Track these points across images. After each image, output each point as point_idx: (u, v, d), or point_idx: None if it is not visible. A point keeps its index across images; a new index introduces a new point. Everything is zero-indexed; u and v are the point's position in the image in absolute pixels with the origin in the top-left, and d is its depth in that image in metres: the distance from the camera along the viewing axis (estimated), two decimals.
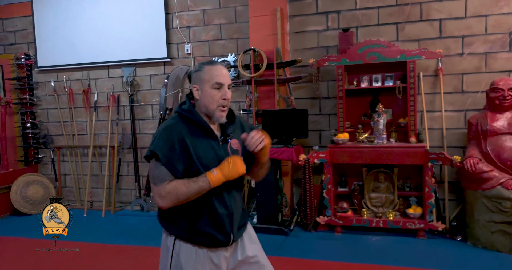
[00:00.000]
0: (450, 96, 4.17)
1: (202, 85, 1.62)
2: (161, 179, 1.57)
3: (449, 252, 3.51)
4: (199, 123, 1.63)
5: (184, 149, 1.58)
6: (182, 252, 1.65)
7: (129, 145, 5.36)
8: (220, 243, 1.66)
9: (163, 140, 1.58)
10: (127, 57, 5.27)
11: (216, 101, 1.62)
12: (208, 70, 1.62)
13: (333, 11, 4.49)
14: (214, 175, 1.55)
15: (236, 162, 1.58)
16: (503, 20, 3.97)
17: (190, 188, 1.54)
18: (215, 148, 1.65)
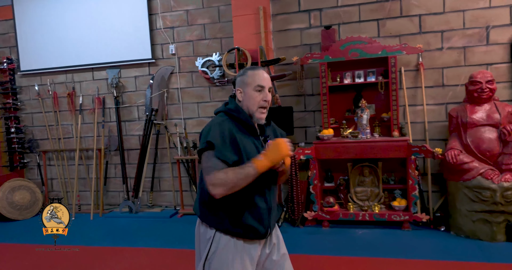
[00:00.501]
0: (431, 90, 4.26)
1: (245, 88, 1.77)
2: (213, 168, 1.65)
3: (434, 242, 3.59)
4: (246, 121, 1.75)
5: (234, 143, 1.68)
6: (221, 245, 1.75)
7: (116, 147, 5.35)
8: (260, 236, 1.77)
9: (216, 132, 1.68)
10: (111, 59, 5.27)
11: (257, 102, 1.75)
12: (251, 74, 1.76)
13: (315, 9, 4.55)
14: (259, 161, 1.63)
15: (279, 144, 1.66)
16: (480, 14, 4.07)
17: (238, 174, 1.62)
18: (257, 145, 1.76)
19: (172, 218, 4.90)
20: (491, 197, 3.38)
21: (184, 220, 4.77)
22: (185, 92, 5.12)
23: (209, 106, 5.02)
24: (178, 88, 5.13)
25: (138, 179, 5.12)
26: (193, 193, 5.14)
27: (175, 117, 5.18)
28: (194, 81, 5.08)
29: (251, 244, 1.78)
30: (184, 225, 4.55)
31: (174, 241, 4.03)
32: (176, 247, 3.83)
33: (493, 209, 3.41)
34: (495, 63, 4.06)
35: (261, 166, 1.63)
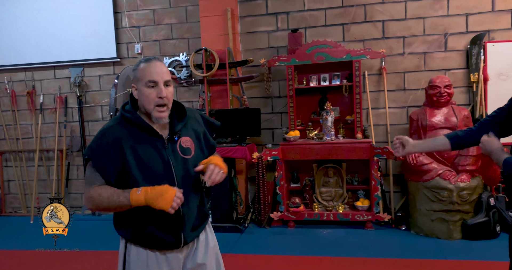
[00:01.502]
0: (393, 94, 4.40)
1: (138, 84, 1.55)
2: (90, 182, 1.54)
3: (395, 241, 3.71)
4: (139, 123, 1.55)
5: (118, 152, 1.51)
6: (133, 256, 1.61)
7: (79, 148, 5.19)
8: (170, 245, 1.61)
9: (97, 143, 1.53)
10: (74, 57, 5.11)
11: (152, 100, 1.52)
12: (142, 68, 1.53)
13: (283, 12, 4.60)
14: (136, 194, 1.45)
15: (164, 195, 1.44)
16: (439, 22, 4.25)
17: (111, 200, 1.48)
18: (159, 148, 1.56)
19: None
20: (448, 197, 3.53)
21: None
22: None
23: None
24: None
25: None
26: None
27: None
28: None
29: (166, 254, 1.62)
30: None
31: None
32: None
33: (450, 209, 3.56)
34: (452, 69, 4.25)
35: (135, 202, 1.45)
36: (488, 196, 3.58)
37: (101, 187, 1.51)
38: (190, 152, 1.64)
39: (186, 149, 1.63)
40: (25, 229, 4.67)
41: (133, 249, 1.61)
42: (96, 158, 1.53)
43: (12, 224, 4.94)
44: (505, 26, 4.09)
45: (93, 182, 1.53)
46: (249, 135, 4.30)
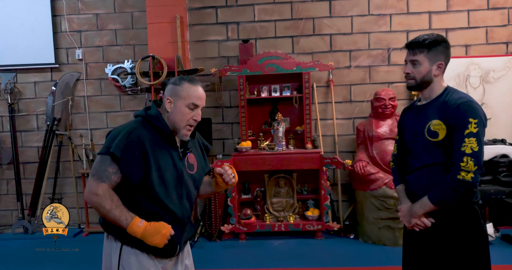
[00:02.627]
0: (340, 105, 4.52)
1: (177, 100, 1.62)
2: (100, 176, 1.53)
3: (344, 249, 3.78)
4: (165, 131, 1.63)
5: (143, 154, 1.56)
6: (132, 261, 1.60)
7: (9, 160, 4.74)
8: (167, 254, 1.66)
9: (124, 141, 1.54)
10: (5, 62, 4.70)
11: (186, 120, 1.63)
12: (187, 88, 1.62)
13: (233, 22, 4.58)
14: (137, 226, 1.52)
15: (161, 233, 1.52)
16: (382, 37, 4.45)
17: (111, 212, 1.52)
18: (174, 159, 1.65)
19: (76, 237, 4.47)
20: (394, 205, 3.67)
21: (90, 240, 4.38)
22: (92, 101, 4.76)
23: (120, 116, 4.73)
24: (84, 96, 4.75)
25: (35, 196, 4.59)
26: None
27: (80, 127, 4.77)
28: (103, 89, 4.75)
29: (163, 261, 1.68)
30: (90, 245, 4.16)
31: (80, 263, 3.66)
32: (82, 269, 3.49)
33: (395, 216, 3.69)
34: (395, 82, 4.47)
35: (132, 231, 1.52)
36: None
37: (110, 193, 1.53)
38: (194, 168, 1.76)
39: (191, 165, 1.75)
40: None
41: (131, 252, 1.61)
42: (123, 158, 1.53)
43: None
44: None
45: (102, 178, 1.53)
46: None
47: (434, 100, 1.79)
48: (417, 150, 1.83)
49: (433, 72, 1.77)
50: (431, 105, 1.79)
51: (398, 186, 2.00)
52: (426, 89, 1.81)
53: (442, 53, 1.78)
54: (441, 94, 1.78)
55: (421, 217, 1.78)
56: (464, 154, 1.63)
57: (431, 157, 1.77)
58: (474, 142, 1.62)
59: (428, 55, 1.76)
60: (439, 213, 1.75)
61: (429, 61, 1.76)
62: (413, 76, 1.79)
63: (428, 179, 1.78)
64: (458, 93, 1.77)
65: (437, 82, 1.80)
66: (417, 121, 1.83)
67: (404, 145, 1.96)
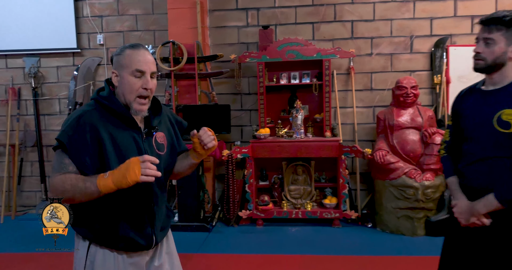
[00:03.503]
0: (361, 93, 4.47)
1: (122, 70, 1.44)
2: (56, 169, 1.39)
3: (362, 238, 3.77)
4: (119, 111, 1.45)
5: (96, 140, 1.39)
6: (98, 259, 1.48)
7: (33, 143, 4.86)
8: (141, 247, 1.51)
9: (72, 128, 1.39)
10: (29, 46, 4.77)
11: (135, 90, 1.44)
12: (129, 55, 1.44)
13: (253, 7, 4.54)
14: (104, 179, 1.31)
15: (130, 167, 1.29)
16: (405, 24, 4.36)
17: (76, 188, 1.33)
18: (137, 141, 1.48)
19: None
20: (414, 195, 3.63)
21: None
22: None
23: None
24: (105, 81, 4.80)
25: None
26: None
27: None
28: None
29: (134, 257, 1.53)
30: None
31: None
32: None
33: (415, 206, 3.67)
34: (417, 71, 4.38)
35: (103, 187, 1.31)
36: (450, 194, 3.71)
37: (65, 175, 1.37)
38: (164, 149, 1.58)
39: (161, 145, 1.57)
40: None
41: (99, 251, 1.49)
42: (72, 146, 1.38)
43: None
44: (466, 31, 4.27)
45: (59, 169, 1.39)
46: (218, 132, 4.21)
47: (508, 86, 1.59)
48: (482, 140, 1.63)
49: (508, 54, 1.57)
50: (504, 91, 1.59)
51: (451, 178, 1.80)
52: (497, 72, 1.61)
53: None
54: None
55: (481, 217, 1.62)
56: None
57: (498, 149, 1.58)
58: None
59: (506, 34, 1.55)
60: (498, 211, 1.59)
61: (506, 41, 1.56)
62: (483, 57, 1.60)
63: (491, 173, 1.60)
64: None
65: (510, 65, 1.59)
66: (484, 108, 1.63)
67: (459, 131, 1.77)
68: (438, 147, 3.71)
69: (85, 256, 1.50)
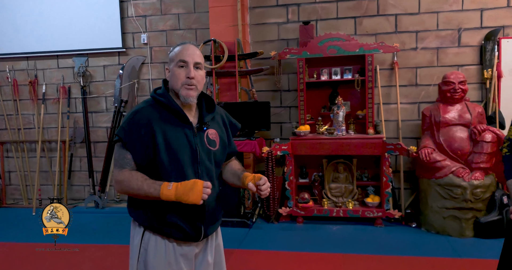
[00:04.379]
0: (405, 89, 4.33)
1: (170, 65, 1.59)
2: (120, 165, 1.53)
3: (406, 238, 3.67)
4: (171, 106, 1.56)
5: (149, 134, 1.50)
6: (151, 246, 1.57)
7: (82, 139, 5.09)
8: (189, 237, 1.58)
9: (128, 123, 1.52)
10: (78, 47, 5.00)
11: (180, 79, 1.54)
12: (176, 50, 1.58)
13: (293, 3, 4.50)
14: (167, 190, 1.44)
15: (194, 188, 1.42)
16: (452, 16, 4.17)
17: (140, 189, 1.47)
18: (188, 135, 1.56)
19: None
20: (462, 195, 3.49)
21: None
22: (156, 84, 4.94)
23: None
24: (149, 79, 4.95)
25: (105, 173, 4.90)
26: None
27: None
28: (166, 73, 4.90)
29: (186, 247, 1.60)
30: None
31: None
32: None
33: (463, 206, 3.52)
34: (465, 65, 4.18)
35: (165, 196, 1.44)
36: (501, 194, 3.53)
37: (132, 174, 1.51)
38: (215, 145, 1.64)
39: (212, 141, 1.63)
40: (26, 221, 4.57)
41: (152, 238, 1.58)
42: (128, 139, 1.51)
43: (13, 215, 4.84)
44: None
45: (123, 165, 1.52)
46: (258, 129, 4.23)
47: None
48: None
49: None
50: None
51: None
52: None
53: None
54: None
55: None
56: None
57: None
58: None
59: None
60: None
61: None
62: None
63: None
64: None
65: None
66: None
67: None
68: (488, 145, 3.55)
69: (140, 243, 1.60)
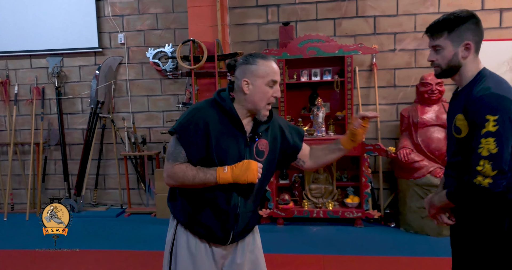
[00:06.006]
0: (384, 90, 4.37)
1: (256, 80, 1.55)
2: (174, 158, 1.56)
3: (385, 238, 3.70)
4: (230, 112, 1.57)
5: (205, 135, 1.54)
6: (182, 241, 1.65)
7: (57, 142, 4.95)
8: (217, 239, 1.63)
9: (188, 121, 1.55)
10: (52, 46, 4.85)
11: (267, 98, 1.57)
12: (263, 65, 1.55)
13: (273, 4, 4.49)
14: (223, 173, 1.51)
15: (250, 168, 1.50)
16: (430, 19, 4.18)
17: (196, 178, 1.52)
18: (239, 143, 1.58)
19: (118, 217, 4.63)
20: None
21: (132, 220, 4.52)
22: (134, 84, 4.85)
23: (160, 100, 4.80)
24: (126, 80, 4.85)
25: (81, 176, 4.78)
26: (141, 191, 4.89)
27: (122, 111, 4.89)
28: (144, 73, 4.82)
29: (214, 248, 1.66)
30: (132, 225, 4.31)
31: (122, 241, 3.80)
32: (124, 249, 3.61)
33: None
34: None
35: (222, 179, 1.51)
36: None
37: (186, 165, 1.55)
38: (263, 155, 1.65)
39: (261, 152, 1.65)
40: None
41: (184, 233, 1.65)
42: (185, 135, 1.54)
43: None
44: (494, 25, 4.12)
45: (176, 158, 1.56)
46: None
47: (464, 88, 1.55)
48: (448, 146, 1.66)
49: (460, 55, 1.53)
50: (461, 95, 1.55)
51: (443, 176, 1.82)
52: (456, 74, 1.57)
53: (468, 30, 1.51)
54: (472, 81, 1.53)
55: (439, 211, 1.62)
56: (480, 157, 1.40)
57: (454, 155, 1.58)
58: (492, 143, 1.39)
59: (450, 37, 1.53)
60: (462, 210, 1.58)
61: (452, 43, 1.53)
62: (438, 63, 1.58)
63: (453, 177, 1.60)
64: (489, 79, 1.49)
65: (467, 65, 1.55)
66: (449, 113, 1.63)
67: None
68: None
69: (173, 236, 1.68)
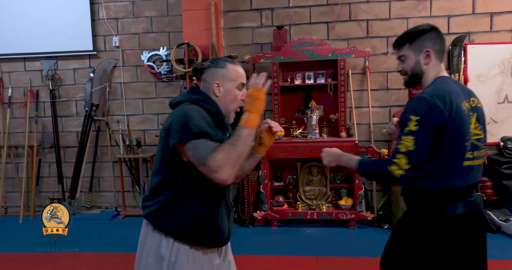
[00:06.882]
0: (376, 93, 4.42)
1: (226, 83, 1.59)
2: (209, 151, 1.39)
3: (378, 240, 3.71)
4: (217, 114, 1.58)
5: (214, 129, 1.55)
6: (179, 258, 1.53)
7: (51, 144, 4.94)
8: (222, 242, 1.64)
9: (201, 119, 1.46)
10: (47, 49, 4.86)
11: (237, 101, 1.61)
12: (233, 69, 1.61)
13: (267, 8, 4.53)
14: (245, 119, 1.44)
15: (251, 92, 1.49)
16: (421, 22, 4.24)
17: (240, 143, 1.39)
18: (224, 140, 1.59)
19: (113, 220, 4.63)
20: None
21: (127, 222, 4.53)
22: (128, 87, 4.86)
23: (155, 103, 4.82)
24: (121, 83, 4.86)
25: (75, 179, 4.77)
26: (136, 194, 4.90)
27: (117, 113, 4.90)
28: (139, 76, 4.84)
29: (211, 253, 1.63)
30: (126, 227, 4.32)
31: (117, 244, 3.80)
32: (119, 251, 3.61)
33: None
34: None
35: (251, 121, 1.44)
36: None
37: (218, 147, 1.40)
38: None
39: None
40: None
41: (182, 248, 1.54)
42: (210, 132, 1.44)
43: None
44: (484, 28, 4.18)
45: (208, 152, 1.39)
46: None
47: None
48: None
49: (422, 62, 1.64)
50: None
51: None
52: (421, 82, 1.68)
53: (428, 40, 1.63)
54: (427, 86, 1.64)
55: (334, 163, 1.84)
56: (398, 152, 1.50)
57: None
58: (411, 141, 1.48)
59: (411, 47, 1.65)
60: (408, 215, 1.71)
61: (414, 52, 1.64)
62: (404, 72, 1.70)
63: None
64: (434, 86, 1.59)
65: (428, 71, 1.65)
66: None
67: None
68: None
69: (168, 255, 1.53)
